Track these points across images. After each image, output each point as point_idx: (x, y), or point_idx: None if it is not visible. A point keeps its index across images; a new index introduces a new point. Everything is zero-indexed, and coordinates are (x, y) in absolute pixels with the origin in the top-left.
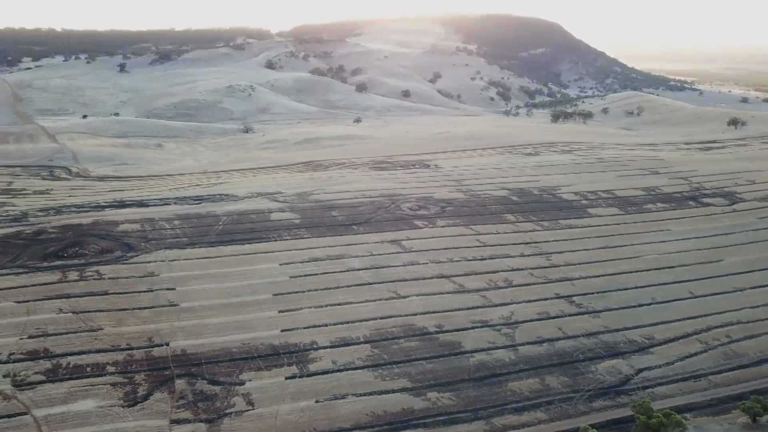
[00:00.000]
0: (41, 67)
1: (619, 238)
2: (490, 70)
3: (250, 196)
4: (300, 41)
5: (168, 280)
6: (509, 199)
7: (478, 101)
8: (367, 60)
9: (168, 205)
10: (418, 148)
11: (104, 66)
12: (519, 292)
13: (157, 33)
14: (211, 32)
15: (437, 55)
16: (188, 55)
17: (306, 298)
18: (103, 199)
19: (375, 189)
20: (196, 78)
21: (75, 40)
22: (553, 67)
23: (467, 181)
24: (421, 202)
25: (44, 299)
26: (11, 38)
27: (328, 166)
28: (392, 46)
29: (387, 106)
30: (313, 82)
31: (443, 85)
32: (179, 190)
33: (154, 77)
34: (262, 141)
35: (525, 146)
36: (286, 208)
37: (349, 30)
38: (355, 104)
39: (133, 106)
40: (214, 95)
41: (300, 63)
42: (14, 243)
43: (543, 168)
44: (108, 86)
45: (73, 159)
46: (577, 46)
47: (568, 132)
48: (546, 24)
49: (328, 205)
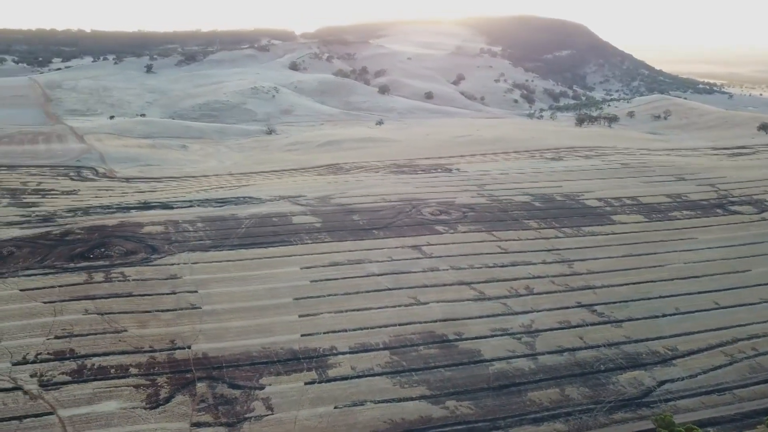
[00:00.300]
0: (70, 68)
1: (643, 246)
2: (514, 72)
3: (273, 199)
4: (324, 42)
5: (191, 282)
6: (532, 204)
7: (501, 104)
8: (390, 61)
9: (192, 207)
10: (440, 151)
11: (131, 67)
12: (540, 301)
13: (184, 34)
14: (236, 33)
15: (461, 57)
16: (213, 56)
17: (326, 302)
18: (129, 201)
19: (396, 193)
20: (220, 79)
21: (103, 41)
22: (578, 70)
23: (489, 185)
24: (442, 207)
25: (71, 300)
26: (43, 39)
27: (350, 169)
28: (416, 47)
29: (409, 108)
30: (336, 83)
31: (466, 87)
32: (203, 192)
33: (179, 78)
34: (284, 143)
35: (549, 150)
36: (308, 212)
37: (373, 31)
38: (378, 106)
39: (159, 106)
40: (238, 96)
41: (323, 64)
42: (42, 243)
43: (567, 173)
44: (134, 87)
45: (100, 159)
46: (603, 48)
47: (593, 136)
48: (572, 25)
49: (349, 208)
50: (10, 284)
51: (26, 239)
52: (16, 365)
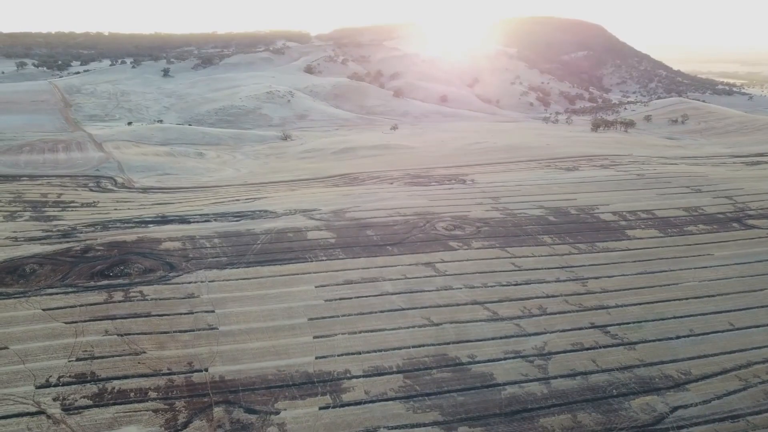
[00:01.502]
0: (89, 72)
1: (658, 263)
2: (530, 74)
3: (288, 212)
4: (338, 45)
5: (208, 301)
6: (546, 218)
7: (517, 106)
8: (405, 64)
9: (209, 222)
10: (455, 160)
11: (148, 70)
12: (553, 321)
13: (200, 36)
14: (252, 36)
15: (476, 59)
16: (230, 59)
17: (340, 323)
18: (147, 214)
19: (410, 206)
20: (237, 83)
21: (121, 44)
22: (595, 71)
23: (504, 198)
24: (456, 222)
25: (91, 320)
26: (62, 42)
27: (364, 180)
28: (431, 49)
29: (424, 112)
30: (350, 87)
31: (482, 89)
32: (220, 204)
33: (196, 82)
34: (300, 150)
35: (564, 159)
36: (323, 227)
37: (388, 33)
38: (392, 110)
39: (176, 111)
40: (254, 101)
41: (338, 67)
42: (64, 260)
43: (582, 185)
44: (152, 91)
45: (118, 169)
46: (620, 49)
47: (609, 143)
48: (589, 26)
49: (363, 223)
50: (33, 303)
51: (48, 256)
52: (39, 388)
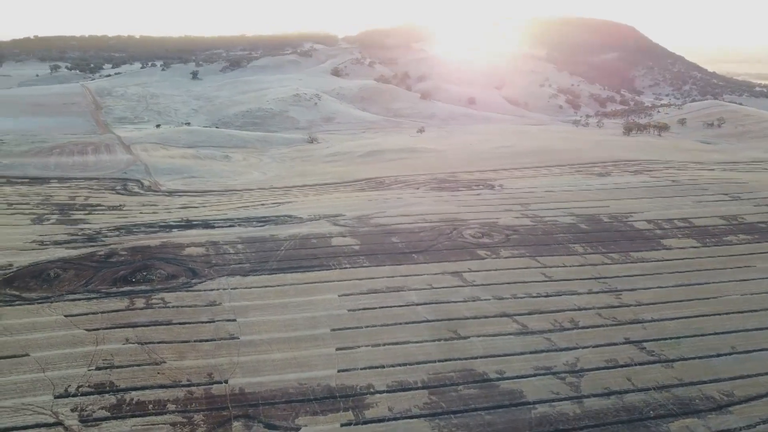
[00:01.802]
0: (120, 74)
1: (697, 274)
2: (559, 76)
3: (312, 218)
4: (365, 47)
5: (229, 309)
6: (577, 226)
7: (545, 109)
8: (432, 66)
9: (233, 227)
10: (482, 164)
11: (177, 73)
12: (586, 336)
13: (229, 39)
14: (280, 38)
15: (504, 61)
16: (257, 62)
17: (363, 334)
18: (172, 218)
19: (436, 213)
20: (264, 85)
21: (152, 47)
22: (626, 73)
23: (533, 205)
24: (484, 229)
25: (113, 328)
26: (95, 45)
27: (390, 184)
28: (458, 50)
29: (451, 114)
30: (377, 89)
31: (509, 92)
32: (244, 209)
33: (224, 85)
34: (326, 153)
35: (595, 164)
36: (347, 233)
37: (415, 34)
38: (419, 112)
39: (204, 114)
40: (281, 104)
41: (365, 70)
42: (87, 265)
43: (614, 191)
44: (180, 93)
45: (145, 172)
46: (653, 50)
47: (642, 147)
48: (619, 27)
49: (389, 230)
50: (55, 309)
51: (72, 260)
52: (58, 398)
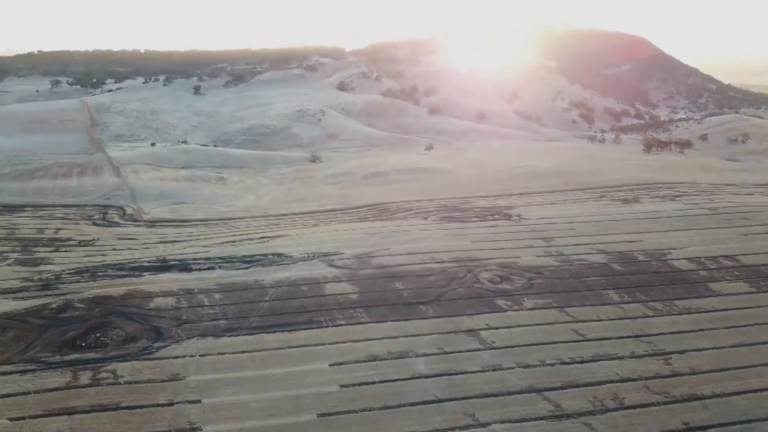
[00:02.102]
0: (122, 90)
1: (757, 330)
2: (571, 88)
3: (305, 257)
4: (373, 60)
5: (194, 386)
6: (610, 267)
7: (559, 124)
8: (440, 79)
9: (213, 269)
10: (496, 186)
11: (180, 88)
12: (635, 419)
13: (234, 53)
14: (286, 52)
15: (515, 73)
16: (262, 76)
17: (359, 422)
18: (147, 257)
19: (448, 250)
20: (268, 101)
21: (156, 61)
22: (640, 86)
23: (557, 239)
24: (503, 271)
25: (44, 415)
26: (99, 60)
27: (395, 212)
28: (467, 63)
29: (461, 130)
30: (384, 104)
31: (521, 105)
32: (231, 244)
33: (226, 100)
34: (327, 174)
35: (620, 188)
36: (343, 277)
37: (424, 47)
38: (428, 128)
39: (204, 130)
40: (284, 120)
41: (372, 84)
42: (34, 323)
43: (646, 222)
44: (181, 109)
45: (130, 197)
46: (666, 62)
47: (667, 167)
48: (632, 39)
49: (392, 272)
50: None
51: (17, 316)
52: None
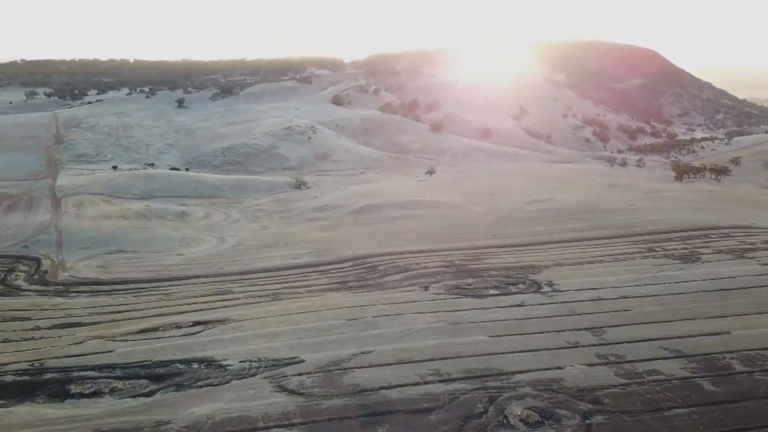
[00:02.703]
0: (102, 102)
1: None
2: (582, 104)
3: (246, 368)
4: (371, 72)
5: None
6: (698, 388)
7: (571, 142)
8: (443, 93)
9: (98, 396)
10: (515, 231)
11: (163, 101)
12: None
13: (228, 63)
14: (281, 62)
15: (522, 88)
16: (252, 89)
17: None
18: (18, 360)
19: (457, 355)
20: (255, 115)
21: (146, 72)
22: (652, 101)
23: (610, 329)
24: (542, 398)
25: None
26: (85, 69)
27: (385, 273)
28: (471, 76)
29: (466, 149)
30: (382, 121)
31: (530, 122)
32: (149, 333)
33: (211, 114)
34: (311, 206)
35: (668, 235)
36: (295, 414)
37: (426, 59)
38: (429, 147)
39: (180, 150)
40: (270, 138)
41: (370, 98)
42: None
43: (725, 298)
44: (160, 125)
45: (56, 244)
46: (677, 76)
47: (711, 201)
48: (641, 51)
49: (371, 402)
50: None
51: None
52: None
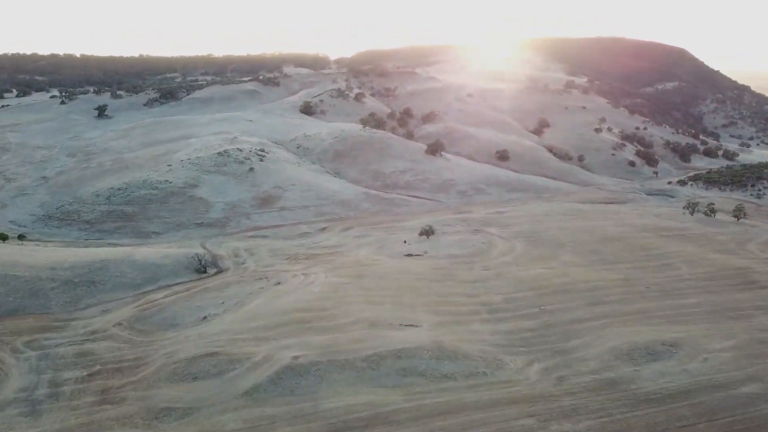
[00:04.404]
0: (6, 108)
1: None
2: (615, 114)
3: None
4: (355, 73)
5: None
6: None
7: (610, 166)
8: (444, 99)
9: None
10: None
11: (80, 108)
12: None
13: (190, 60)
14: (254, 60)
15: (540, 93)
16: (199, 93)
17: None
18: None
19: None
20: (190, 131)
21: (90, 69)
22: (690, 108)
23: None
24: None
25: None
26: (16, 66)
27: None
28: (477, 78)
29: (475, 181)
30: (361, 139)
31: (555, 138)
32: None
33: (132, 129)
34: (211, 331)
35: None
36: None
37: (422, 57)
38: (425, 178)
39: (50, 191)
40: (191, 170)
41: (349, 106)
42: None
43: None
44: (57, 143)
45: None
46: (712, 78)
47: None
48: (669, 50)
49: None
50: None
51: None
52: None
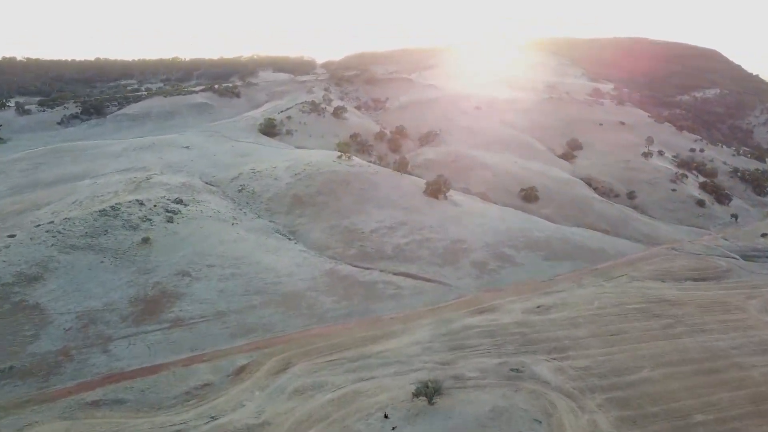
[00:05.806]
0: None
1: None
2: (660, 131)
3: None
4: (338, 81)
5: None
6: None
7: (672, 208)
8: (446, 113)
9: None
10: None
11: None
12: None
13: (151, 64)
14: (228, 63)
15: (565, 105)
16: (133, 107)
17: None
18: None
19: None
20: (92, 166)
21: (29, 74)
22: (736, 119)
23: None
24: None
25: None
26: None
27: None
28: (485, 86)
29: (497, 244)
30: (332, 177)
31: (592, 166)
32: None
33: (18, 161)
34: None
35: None
36: None
37: (420, 60)
38: (424, 239)
39: None
40: (41, 248)
41: (326, 124)
42: None
43: None
44: None
45: None
46: (752, 83)
47: None
48: (702, 52)
49: None
50: None
51: None
52: None
